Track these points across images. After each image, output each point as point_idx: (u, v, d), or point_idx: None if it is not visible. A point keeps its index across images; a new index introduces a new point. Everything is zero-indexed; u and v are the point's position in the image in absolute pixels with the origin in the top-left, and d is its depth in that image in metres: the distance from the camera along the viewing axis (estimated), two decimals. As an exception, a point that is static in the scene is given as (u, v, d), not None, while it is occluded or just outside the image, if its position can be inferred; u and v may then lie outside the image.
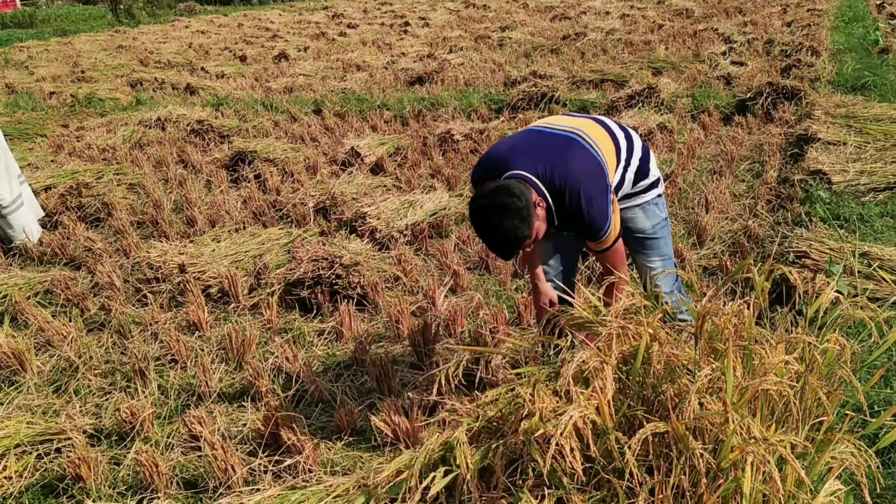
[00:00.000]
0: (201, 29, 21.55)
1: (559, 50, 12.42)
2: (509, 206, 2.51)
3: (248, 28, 21.01)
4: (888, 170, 5.31)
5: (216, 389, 3.62)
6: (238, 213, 5.86)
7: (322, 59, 14.10)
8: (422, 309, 4.29)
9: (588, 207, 2.63)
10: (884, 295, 3.76)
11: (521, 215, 2.52)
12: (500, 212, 2.52)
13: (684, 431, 1.94)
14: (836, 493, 1.81)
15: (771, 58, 10.17)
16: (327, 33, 18.11)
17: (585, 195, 2.63)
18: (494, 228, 2.55)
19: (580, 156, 2.71)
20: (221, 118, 8.97)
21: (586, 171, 2.68)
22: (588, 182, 2.66)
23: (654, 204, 3.02)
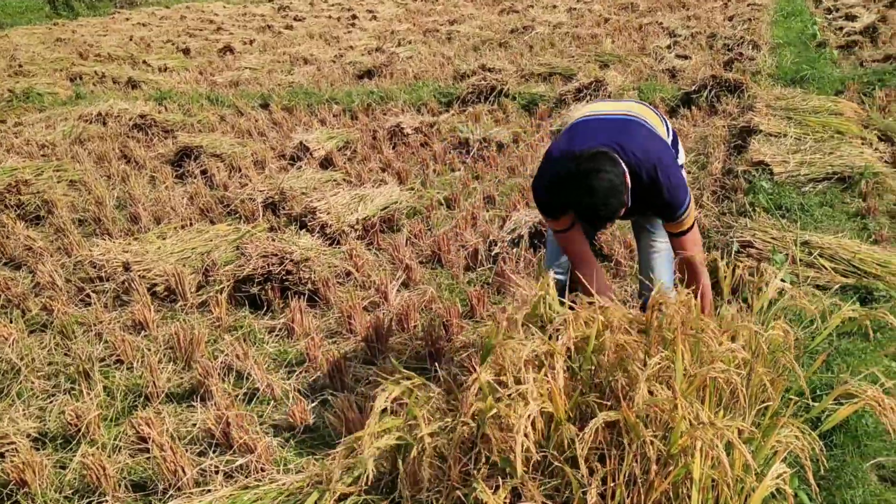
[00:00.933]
0: (143, 21, 21.06)
1: (508, 44, 12.46)
2: (610, 174, 2.44)
3: (191, 20, 20.60)
4: (826, 160, 5.46)
5: (164, 390, 3.55)
6: (184, 209, 5.74)
7: (268, 52, 13.91)
8: (374, 304, 4.27)
9: (667, 179, 2.59)
10: (825, 282, 3.86)
11: (619, 185, 2.46)
12: (601, 178, 2.43)
13: (635, 419, 1.96)
14: (782, 476, 1.85)
15: (714, 51, 10.36)
16: (273, 26, 17.86)
17: (663, 167, 2.59)
18: (591, 195, 2.44)
19: (647, 133, 2.70)
20: (165, 112, 8.78)
21: (658, 146, 2.67)
22: (664, 155, 2.63)
23: None
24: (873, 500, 2.54)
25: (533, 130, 7.42)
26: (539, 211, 2.91)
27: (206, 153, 6.91)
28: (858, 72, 8.35)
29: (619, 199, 2.47)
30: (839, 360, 3.25)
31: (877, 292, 3.74)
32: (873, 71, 8.18)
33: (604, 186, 2.43)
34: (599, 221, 2.56)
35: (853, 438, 2.77)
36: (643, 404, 2.03)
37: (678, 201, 2.63)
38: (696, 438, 1.92)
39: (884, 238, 4.43)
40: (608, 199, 2.45)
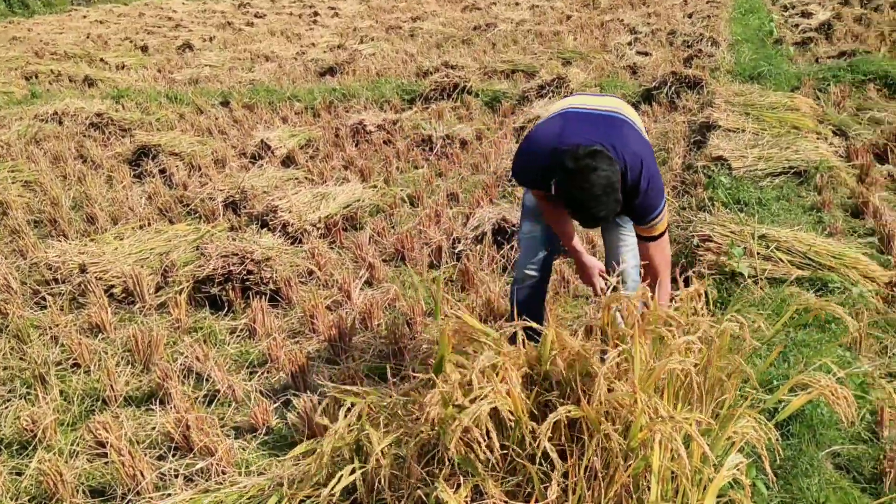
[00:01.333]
0: (100, 19, 20.68)
1: (470, 41, 12.47)
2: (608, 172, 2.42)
3: (149, 18, 20.29)
4: (783, 155, 5.55)
5: (122, 393, 3.49)
6: (142, 209, 5.65)
7: (229, 49, 13.75)
8: (337, 303, 4.24)
9: (647, 183, 2.59)
10: (781, 275, 3.92)
11: (616, 183, 2.45)
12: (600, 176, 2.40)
13: (595, 414, 1.97)
14: (738, 466, 1.88)
15: (674, 48, 10.47)
16: (234, 23, 17.67)
17: (647, 170, 2.60)
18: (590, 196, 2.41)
19: (634, 134, 2.70)
20: (123, 111, 8.63)
21: (645, 150, 2.67)
22: (648, 158, 2.64)
23: None
24: (829, 488, 2.58)
25: (496, 127, 7.43)
26: (516, 179, 2.92)
27: (165, 152, 6.81)
28: (814, 68, 8.51)
29: (615, 197, 2.45)
30: (795, 351, 3.30)
31: (831, 283, 3.81)
32: (828, 67, 8.33)
33: (601, 185, 2.41)
34: (594, 221, 2.52)
35: (809, 428, 2.82)
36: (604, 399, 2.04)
37: (653, 206, 2.64)
38: (655, 431, 1.94)
39: (838, 231, 4.52)
40: (606, 198, 2.43)
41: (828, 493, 2.55)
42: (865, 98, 7.28)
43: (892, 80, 7.47)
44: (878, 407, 2.95)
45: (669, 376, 2.16)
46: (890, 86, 7.45)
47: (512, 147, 6.65)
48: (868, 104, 7.10)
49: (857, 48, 9.09)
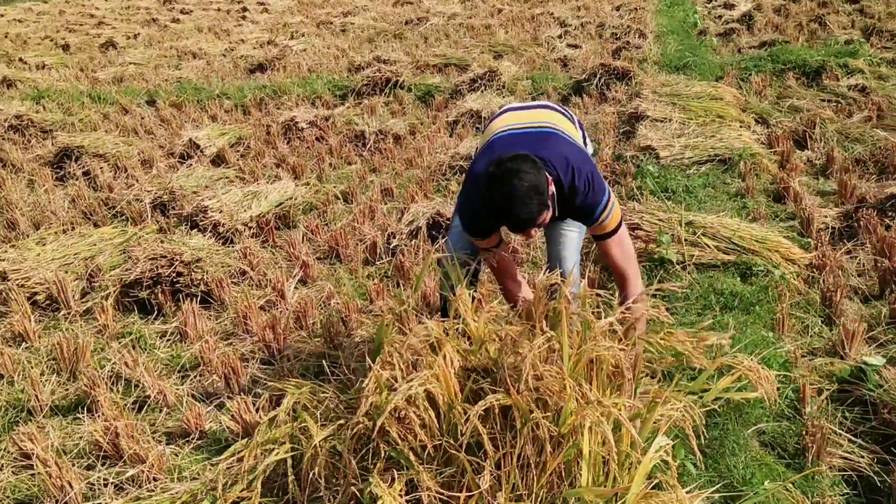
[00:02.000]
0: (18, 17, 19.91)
1: (402, 35, 12.43)
2: (531, 174, 2.42)
3: (70, 15, 19.63)
4: (709, 143, 5.69)
5: (48, 403, 3.38)
6: (66, 213, 5.48)
7: (154, 46, 13.41)
8: (271, 303, 4.19)
9: (583, 184, 2.61)
10: (708, 260, 4.03)
11: (541, 186, 2.44)
12: (522, 178, 2.41)
13: (525, 402, 1.99)
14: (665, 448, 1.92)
15: (603, 40, 10.63)
16: (159, 19, 17.23)
17: (579, 170, 2.61)
18: (512, 198, 2.41)
19: (562, 142, 2.71)
20: (43, 112, 8.34)
21: (575, 154, 2.68)
22: (583, 162, 2.66)
23: None
24: (755, 465, 2.67)
25: (430, 122, 7.43)
26: (468, 233, 2.87)
27: (89, 153, 6.61)
28: (736, 58, 8.75)
29: (540, 200, 2.45)
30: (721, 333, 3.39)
31: (755, 267, 3.93)
32: (750, 57, 8.57)
33: (524, 186, 2.41)
34: (520, 224, 2.50)
35: (735, 408, 2.91)
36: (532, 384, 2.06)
37: (595, 202, 2.66)
38: (585, 417, 1.97)
39: (761, 215, 4.66)
40: (529, 200, 2.42)
41: (754, 469, 2.63)
42: (785, 86, 7.51)
43: (809, 69, 7.73)
44: (800, 384, 3.05)
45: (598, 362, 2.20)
46: (808, 74, 7.70)
47: (446, 141, 6.66)
48: (788, 92, 7.33)
49: (777, 38, 9.38)
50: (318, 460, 2.12)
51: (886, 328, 3.52)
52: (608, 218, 2.71)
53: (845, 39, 8.97)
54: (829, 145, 5.71)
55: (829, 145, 5.71)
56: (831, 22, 10.01)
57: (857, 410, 2.99)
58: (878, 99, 6.64)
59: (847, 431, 2.89)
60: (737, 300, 3.69)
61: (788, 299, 3.68)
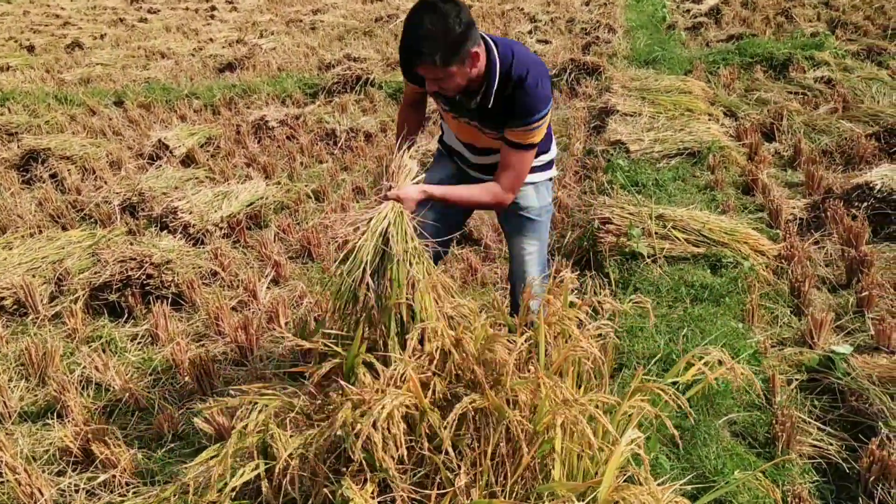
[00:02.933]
0: (-19, 17, 19.57)
1: (372, 32, 12.39)
2: (447, 17, 2.30)
3: (35, 15, 19.30)
4: (677, 137, 5.74)
5: (16, 409, 3.33)
6: (32, 216, 5.39)
7: (122, 47, 13.24)
8: (243, 303, 4.16)
9: (534, 84, 2.51)
10: (678, 253, 4.06)
11: (446, 36, 2.31)
12: (434, 14, 2.30)
13: (499, 402, 2.00)
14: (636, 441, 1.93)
15: (573, 35, 10.67)
16: (126, 19, 17.01)
17: (535, 74, 2.52)
18: (416, 23, 2.31)
19: (535, 56, 2.63)
20: (8, 114, 8.19)
21: (537, 62, 2.58)
22: (539, 67, 2.55)
23: (545, 185, 2.96)
24: (726, 455, 2.70)
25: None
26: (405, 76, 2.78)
27: (56, 155, 6.51)
28: (705, 52, 8.83)
29: (444, 45, 2.32)
30: (693, 325, 3.43)
31: (724, 259, 3.96)
32: (718, 51, 8.66)
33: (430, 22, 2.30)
34: (405, 58, 2.39)
35: (706, 399, 2.94)
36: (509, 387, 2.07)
37: (536, 108, 2.53)
38: (558, 415, 1.97)
39: (730, 208, 4.71)
40: (428, 36, 2.31)
41: (725, 459, 2.66)
42: (753, 79, 7.60)
43: (776, 62, 7.82)
44: (769, 374, 3.09)
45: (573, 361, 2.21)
46: (775, 67, 7.80)
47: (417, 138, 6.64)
48: (756, 85, 7.42)
49: (744, 32, 9.48)
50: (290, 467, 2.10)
51: (853, 317, 3.57)
52: (536, 130, 2.58)
53: (811, 32, 9.09)
54: (797, 137, 5.78)
55: (797, 137, 5.78)
56: (797, 15, 10.14)
57: (826, 399, 3.03)
58: (843, 91, 6.73)
59: (816, 420, 2.93)
60: (707, 292, 3.73)
61: (758, 290, 3.72)
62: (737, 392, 3.02)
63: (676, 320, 3.51)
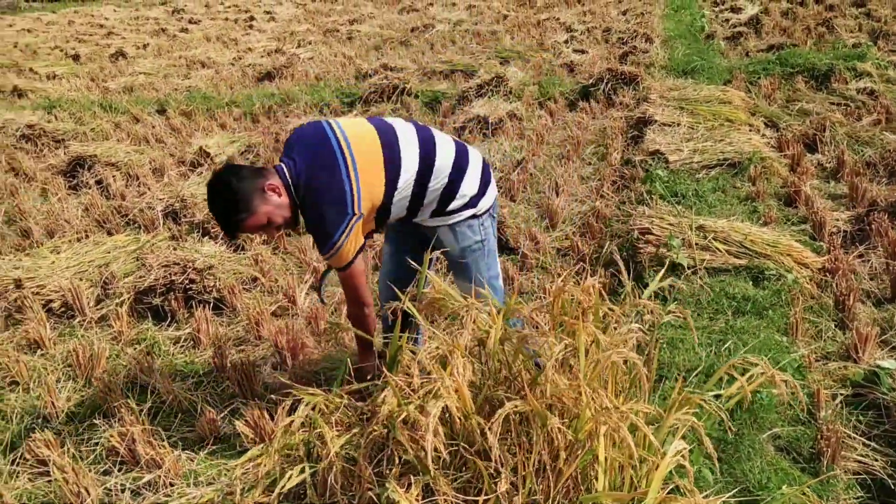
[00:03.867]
0: (28, 27, 20.07)
1: (409, 42, 12.47)
2: (229, 185, 2.56)
3: (80, 25, 19.77)
4: (717, 147, 5.69)
5: (64, 410, 3.40)
6: (79, 221, 5.51)
7: (164, 56, 13.50)
8: (282, 308, 4.21)
9: (319, 221, 2.63)
10: (719, 264, 4.03)
11: (239, 195, 2.55)
12: (218, 190, 2.58)
13: (542, 408, 2.00)
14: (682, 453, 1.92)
15: (609, 45, 10.65)
16: (168, 29, 17.33)
17: (316, 205, 2.63)
18: (213, 205, 2.61)
19: (329, 176, 2.61)
20: (55, 122, 8.39)
21: (328, 189, 2.60)
22: (324, 199, 2.61)
23: (466, 225, 2.85)
24: (770, 469, 2.66)
25: (437, 128, 7.44)
26: None
27: (101, 162, 6.65)
28: (745, 62, 8.74)
29: (231, 211, 2.58)
30: (734, 337, 3.39)
31: (767, 271, 3.92)
32: (758, 60, 8.57)
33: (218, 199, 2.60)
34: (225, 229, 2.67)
35: (750, 412, 2.90)
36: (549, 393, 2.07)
37: (325, 241, 2.63)
38: (601, 423, 1.97)
39: (772, 219, 4.66)
40: (219, 209, 2.61)
41: (769, 473, 2.63)
42: (794, 90, 7.51)
43: (818, 72, 7.72)
44: (814, 389, 3.05)
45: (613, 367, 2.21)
46: (817, 77, 7.70)
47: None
48: (797, 96, 7.33)
49: (784, 41, 9.38)
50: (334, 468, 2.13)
51: (899, 331, 3.51)
52: (336, 255, 2.65)
53: (853, 43, 8.96)
54: (840, 148, 5.71)
55: (840, 148, 5.71)
56: (838, 25, 10.00)
57: (871, 414, 2.99)
58: (886, 102, 6.64)
59: (861, 435, 2.88)
60: (749, 304, 3.69)
61: (801, 303, 3.68)
62: (780, 406, 2.99)
63: (718, 332, 3.48)
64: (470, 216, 2.85)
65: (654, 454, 2.03)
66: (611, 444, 2.00)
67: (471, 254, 2.89)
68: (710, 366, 3.19)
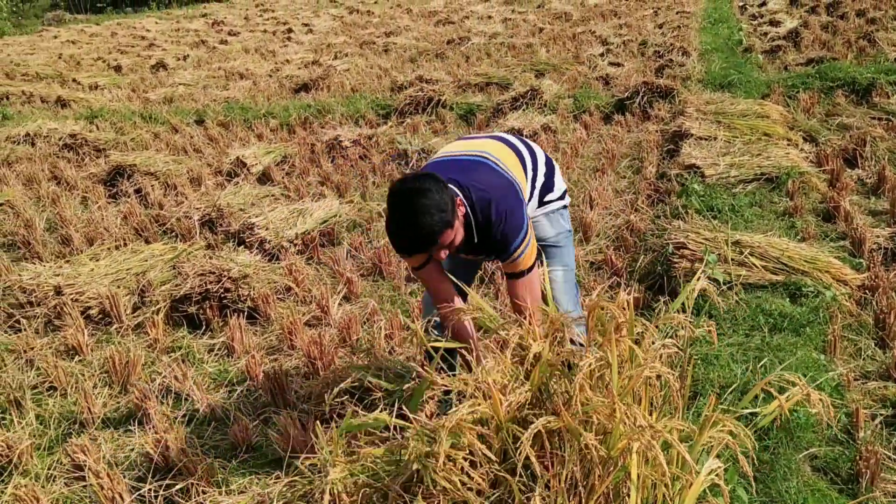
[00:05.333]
0: (72, 39, 20.57)
1: (444, 54, 12.53)
2: (432, 191, 2.41)
3: (122, 37, 20.20)
4: (754, 162, 5.62)
5: (100, 415, 3.45)
6: (118, 229, 5.61)
7: (203, 67, 13.72)
8: (315, 319, 4.24)
9: (499, 218, 2.59)
10: (756, 280, 3.97)
11: (442, 204, 2.41)
12: (423, 195, 2.40)
13: (575, 424, 1.98)
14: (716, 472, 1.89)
15: (645, 58, 10.59)
16: (207, 41, 17.64)
17: (499, 207, 2.59)
18: (413, 213, 2.40)
19: (491, 174, 2.69)
20: (97, 131, 8.58)
21: (499, 185, 2.66)
22: (501, 195, 2.63)
23: (559, 213, 3.02)
24: (807, 490, 2.61)
25: (471, 140, 7.46)
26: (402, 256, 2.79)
27: (140, 171, 6.78)
28: (783, 75, 8.64)
29: (441, 218, 2.42)
30: (771, 354, 3.34)
31: (805, 288, 3.86)
32: (797, 74, 8.46)
33: (423, 203, 2.40)
34: (420, 241, 2.47)
35: (786, 431, 2.85)
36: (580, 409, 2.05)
37: (508, 241, 2.61)
38: (634, 440, 1.95)
39: (811, 235, 4.58)
40: (429, 217, 2.41)
41: (806, 495, 2.58)
42: (834, 104, 7.39)
43: (859, 86, 7.60)
44: (853, 409, 2.99)
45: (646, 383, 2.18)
46: (857, 91, 7.58)
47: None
48: (837, 110, 7.21)
49: (824, 55, 9.24)
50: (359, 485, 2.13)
51: (943, 351, 3.43)
52: (520, 258, 2.64)
53: (895, 57, 8.80)
54: (881, 164, 5.60)
55: (881, 164, 5.60)
56: (880, 39, 9.83)
57: (913, 436, 2.91)
58: (930, 117, 6.50)
59: (902, 457, 2.81)
60: (786, 321, 3.62)
61: (840, 321, 3.61)
62: (818, 426, 2.93)
63: (754, 349, 3.43)
64: (562, 207, 3.04)
65: (687, 472, 2.00)
66: (644, 462, 1.98)
67: (565, 238, 3.05)
68: (745, 383, 3.13)
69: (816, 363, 3.28)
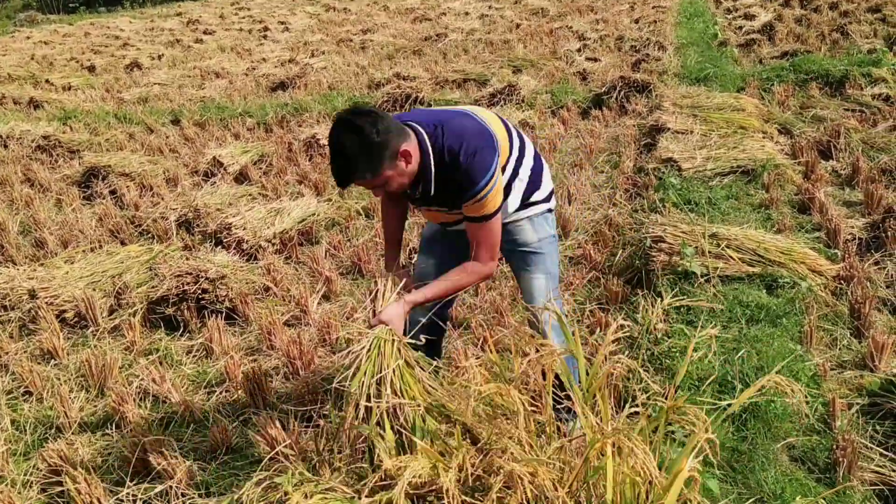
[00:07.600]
0: (44, 39, 20.32)
1: (421, 51, 12.51)
2: (363, 131, 2.35)
3: (95, 37, 19.97)
4: (731, 155, 5.66)
5: (77, 419, 3.41)
6: (93, 231, 5.55)
7: (178, 67, 13.60)
8: (294, 318, 4.21)
9: (466, 159, 2.50)
10: (733, 272, 4.00)
11: (369, 149, 2.36)
12: (352, 131, 2.36)
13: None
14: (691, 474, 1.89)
15: (622, 53, 10.63)
16: (182, 40, 17.48)
17: (469, 145, 2.51)
18: (338, 146, 2.36)
19: (472, 122, 2.63)
20: (70, 132, 8.47)
21: (476, 131, 2.58)
22: (473, 138, 2.55)
23: (543, 217, 2.91)
24: (785, 480, 2.63)
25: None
26: None
27: (115, 172, 6.70)
28: (758, 69, 8.71)
29: (355, 161, 2.37)
30: (749, 346, 3.36)
31: (781, 279, 3.89)
32: (772, 67, 8.53)
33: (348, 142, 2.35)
34: (338, 180, 2.44)
35: (764, 422, 2.87)
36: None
37: (473, 179, 2.51)
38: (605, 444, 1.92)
39: (786, 227, 4.62)
40: (339, 157, 2.37)
41: (784, 484, 2.60)
42: (808, 97, 7.46)
43: (832, 79, 7.68)
44: (829, 398, 3.02)
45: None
46: (831, 84, 7.66)
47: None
48: (811, 102, 7.28)
49: (798, 48, 9.33)
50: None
51: (917, 340, 3.47)
52: (483, 198, 2.54)
53: (868, 48, 8.90)
54: (855, 155, 5.66)
55: (855, 155, 5.66)
56: (853, 31, 9.94)
57: (889, 424, 2.94)
58: (902, 108, 6.58)
59: (878, 445, 2.84)
60: (763, 312, 3.65)
61: (816, 311, 3.64)
62: (795, 416, 2.95)
63: (731, 341, 3.45)
64: (546, 210, 2.93)
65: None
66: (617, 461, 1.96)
67: (548, 244, 2.93)
68: (723, 375, 3.16)
69: (793, 353, 3.31)
